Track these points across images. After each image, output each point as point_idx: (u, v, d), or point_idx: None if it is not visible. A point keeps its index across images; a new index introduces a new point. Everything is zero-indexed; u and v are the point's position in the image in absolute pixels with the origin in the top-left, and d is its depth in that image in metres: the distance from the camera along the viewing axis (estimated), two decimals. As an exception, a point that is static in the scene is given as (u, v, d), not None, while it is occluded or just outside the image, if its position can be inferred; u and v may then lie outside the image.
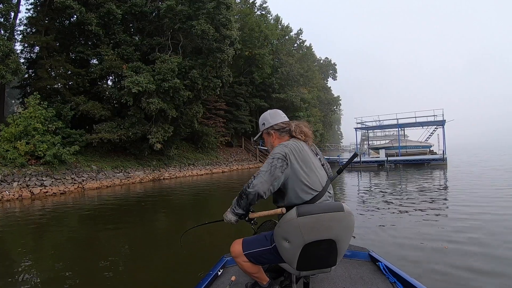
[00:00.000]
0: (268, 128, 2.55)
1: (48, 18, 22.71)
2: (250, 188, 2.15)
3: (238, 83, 40.47)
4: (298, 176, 2.22)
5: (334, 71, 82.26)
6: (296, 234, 2.09)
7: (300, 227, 2.07)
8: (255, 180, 2.16)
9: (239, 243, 2.42)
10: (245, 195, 2.18)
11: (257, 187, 2.14)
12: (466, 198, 11.36)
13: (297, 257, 2.14)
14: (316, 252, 2.15)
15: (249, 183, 2.18)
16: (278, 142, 2.46)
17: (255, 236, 2.49)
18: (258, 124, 2.68)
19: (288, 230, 2.12)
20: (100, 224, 10.15)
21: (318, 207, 2.14)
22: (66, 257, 6.79)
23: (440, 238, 6.47)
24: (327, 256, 2.19)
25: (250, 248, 2.37)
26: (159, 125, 23.83)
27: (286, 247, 2.15)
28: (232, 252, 2.41)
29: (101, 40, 22.85)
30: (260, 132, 2.64)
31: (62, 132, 19.85)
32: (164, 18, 24.86)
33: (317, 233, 2.09)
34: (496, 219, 8.00)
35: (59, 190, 17.48)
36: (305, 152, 2.32)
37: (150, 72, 22.84)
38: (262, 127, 2.59)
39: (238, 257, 2.38)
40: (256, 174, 2.20)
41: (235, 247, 2.41)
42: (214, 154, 35.38)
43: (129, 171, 23.21)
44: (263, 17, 47.05)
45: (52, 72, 22.22)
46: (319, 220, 2.08)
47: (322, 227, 2.09)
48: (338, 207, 2.14)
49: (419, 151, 36.72)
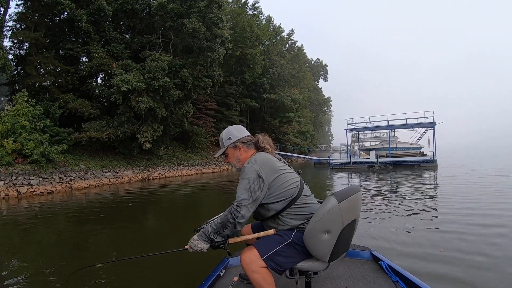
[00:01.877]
0: (235, 142, 2.57)
1: (38, 14, 22.33)
2: (239, 219, 2.14)
3: (229, 83, 40.41)
4: (278, 182, 2.30)
5: (325, 72, 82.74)
6: (337, 221, 2.14)
7: (341, 213, 2.13)
8: (242, 211, 2.14)
9: (251, 248, 2.28)
10: (233, 225, 2.15)
11: (246, 217, 2.16)
12: (458, 200, 11.33)
13: (333, 247, 2.18)
14: (345, 236, 2.24)
15: (236, 215, 2.13)
16: (245, 155, 2.55)
17: (267, 238, 2.35)
18: (220, 140, 2.69)
19: (331, 219, 2.13)
20: (88, 224, 9.95)
21: (348, 190, 2.25)
22: (53, 257, 6.64)
23: (436, 241, 6.39)
24: (349, 237, 2.34)
25: (268, 249, 2.25)
26: (148, 124, 23.62)
27: (325, 239, 2.15)
28: (246, 259, 2.23)
29: (91, 37, 22.54)
30: (225, 148, 2.62)
31: (50, 131, 19.49)
32: (155, 16, 24.68)
33: (351, 215, 2.22)
34: (485, 213, 8.00)
35: (46, 189, 17.21)
36: (272, 160, 2.40)
37: (140, 70, 22.60)
38: (228, 142, 2.60)
39: (253, 262, 2.21)
40: (238, 203, 2.16)
41: (249, 253, 2.25)
42: (204, 154, 35.17)
43: (117, 171, 22.93)
44: (255, 17, 46.94)
45: (41, 69, 21.95)
46: (353, 201, 2.22)
47: (354, 207, 2.25)
48: (357, 187, 2.35)
49: (409, 153, 36.98)
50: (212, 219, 2.43)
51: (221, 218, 2.19)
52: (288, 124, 49.91)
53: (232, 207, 2.15)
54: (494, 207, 9.46)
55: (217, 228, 2.19)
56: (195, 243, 2.26)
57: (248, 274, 2.23)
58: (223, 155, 2.68)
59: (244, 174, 2.26)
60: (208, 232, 2.23)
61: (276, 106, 47.34)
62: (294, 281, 2.40)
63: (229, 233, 2.21)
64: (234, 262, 3.26)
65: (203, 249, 2.26)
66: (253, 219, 2.51)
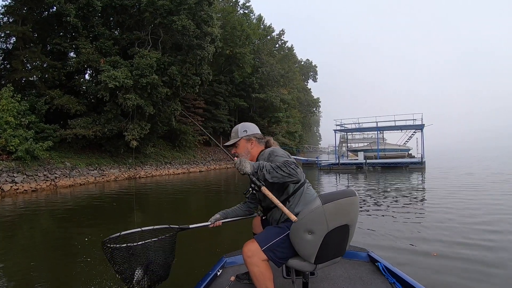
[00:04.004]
0: (250, 135, 2.70)
1: (26, 8, 21.94)
2: (295, 172, 2.19)
3: (217, 82, 40.27)
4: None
5: (314, 73, 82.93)
6: (321, 222, 2.14)
7: (325, 215, 2.12)
8: (298, 170, 2.21)
9: (252, 241, 2.32)
10: (288, 172, 2.19)
11: (299, 175, 2.21)
12: (447, 201, 11.36)
13: (318, 249, 2.18)
14: (334, 240, 2.21)
15: (293, 167, 2.21)
16: (256, 149, 2.70)
17: (267, 231, 2.43)
18: (235, 132, 2.76)
19: (313, 219, 2.14)
20: (73, 223, 9.78)
21: (337, 193, 2.24)
22: (38, 256, 6.52)
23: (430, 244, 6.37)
24: (341, 243, 2.30)
25: (268, 241, 2.30)
26: (135, 122, 23.40)
27: (309, 239, 2.17)
28: (248, 251, 2.26)
29: (79, 32, 22.27)
30: (238, 138, 2.70)
31: (35, 127, 19.15)
32: (145, 12, 24.45)
33: (338, 219, 2.19)
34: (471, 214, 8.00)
35: (31, 187, 16.90)
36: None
37: (128, 67, 22.38)
38: (243, 134, 2.70)
39: (254, 255, 2.24)
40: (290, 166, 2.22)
41: (250, 245, 2.29)
42: (191, 153, 35.01)
43: (104, 169, 22.63)
44: (245, 16, 46.89)
45: (27, 64, 21.59)
46: (341, 205, 2.18)
47: (343, 212, 2.20)
48: (351, 192, 2.27)
49: (397, 154, 37.17)
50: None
51: (275, 164, 2.24)
52: (276, 124, 49.84)
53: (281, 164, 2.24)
54: (487, 209, 9.47)
55: (273, 166, 2.22)
56: (244, 163, 2.28)
57: (248, 267, 2.26)
58: (232, 146, 2.75)
59: (276, 153, 2.43)
60: (261, 165, 2.27)
61: (265, 106, 47.34)
62: (291, 281, 2.46)
63: (276, 176, 2.19)
64: (231, 262, 3.30)
65: (245, 170, 2.25)
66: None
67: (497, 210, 9.32)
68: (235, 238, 7.50)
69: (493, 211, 9.17)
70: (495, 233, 6.95)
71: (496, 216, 8.48)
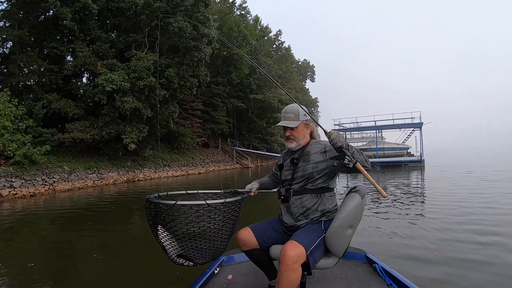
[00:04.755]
0: (308, 120, 2.60)
1: (22, 12, 21.90)
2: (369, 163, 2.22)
3: (215, 83, 40.19)
4: None
5: (312, 73, 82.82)
6: (359, 216, 2.30)
7: (363, 208, 2.30)
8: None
9: (297, 245, 2.10)
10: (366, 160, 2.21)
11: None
12: (447, 199, 11.34)
13: (349, 242, 2.31)
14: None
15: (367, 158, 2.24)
16: (308, 136, 2.62)
17: (304, 231, 2.32)
18: (294, 113, 2.57)
19: (356, 214, 2.25)
20: (72, 227, 9.73)
21: (363, 188, 2.38)
22: (37, 260, 6.45)
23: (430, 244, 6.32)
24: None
25: (311, 244, 2.18)
26: (133, 125, 23.31)
27: (348, 234, 2.25)
28: (295, 257, 2.05)
29: (75, 35, 22.19)
30: (300, 122, 2.55)
31: (33, 131, 19.04)
32: (141, 14, 24.33)
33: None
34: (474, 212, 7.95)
35: (29, 192, 16.82)
36: None
37: (125, 70, 22.32)
38: (304, 118, 2.57)
39: (299, 261, 2.07)
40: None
41: (297, 249, 2.08)
42: (190, 155, 34.87)
43: (102, 172, 22.56)
44: (242, 17, 46.94)
45: (24, 68, 21.47)
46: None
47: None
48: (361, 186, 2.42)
49: (396, 153, 37.18)
50: None
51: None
52: (275, 125, 49.60)
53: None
54: (487, 208, 9.44)
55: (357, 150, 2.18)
56: (341, 137, 2.18)
57: (285, 272, 2.04)
58: (290, 129, 2.56)
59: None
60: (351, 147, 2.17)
61: (263, 107, 47.25)
62: None
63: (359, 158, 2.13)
64: (229, 260, 3.34)
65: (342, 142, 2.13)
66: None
67: (497, 210, 9.29)
68: (233, 236, 7.42)
69: (494, 211, 9.14)
70: (497, 234, 6.89)
71: (497, 217, 8.44)
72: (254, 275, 3.00)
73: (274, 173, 2.78)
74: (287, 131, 2.56)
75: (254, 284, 2.85)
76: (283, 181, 2.58)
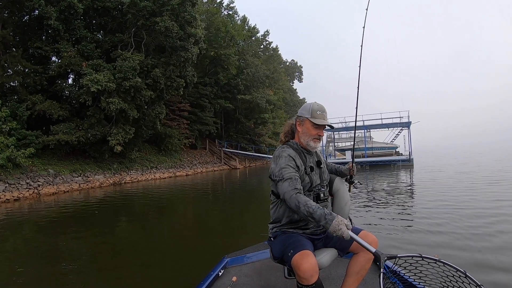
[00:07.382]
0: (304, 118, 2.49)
1: (6, 11, 21.38)
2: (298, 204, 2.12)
3: (202, 84, 39.97)
4: None
5: (300, 73, 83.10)
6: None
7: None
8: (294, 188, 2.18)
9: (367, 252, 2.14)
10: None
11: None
12: (438, 198, 11.24)
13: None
14: None
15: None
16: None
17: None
18: (325, 111, 2.50)
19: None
20: (57, 232, 9.44)
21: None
22: (22, 266, 6.23)
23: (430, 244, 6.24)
24: None
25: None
26: (119, 126, 22.96)
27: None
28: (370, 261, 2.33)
29: (60, 35, 21.75)
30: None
31: (17, 133, 18.62)
32: (127, 14, 24.01)
33: None
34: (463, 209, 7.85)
35: (13, 196, 16.44)
36: None
37: (111, 70, 21.97)
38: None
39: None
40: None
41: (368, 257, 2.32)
42: (177, 157, 34.55)
43: (88, 175, 22.16)
44: (230, 17, 46.82)
45: (8, 69, 21.03)
46: None
47: None
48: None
49: (385, 152, 37.26)
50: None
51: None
52: (263, 125, 49.76)
53: None
54: (483, 208, 9.33)
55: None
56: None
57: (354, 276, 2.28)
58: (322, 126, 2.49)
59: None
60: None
61: (251, 107, 47.06)
62: (293, 281, 2.37)
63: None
64: (233, 262, 3.34)
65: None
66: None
67: (494, 208, 9.18)
68: (236, 238, 7.54)
69: (490, 210, 9.03)
70: (497, 233, 6.77)
71: (494, 218, 8.32)
72: (258, 277, 3.05)
73: (297, 179, 2.26)
74: (321, 130, 2.47)
75: (258, 286, 2.89)
76: (315, 186, 2.42)
